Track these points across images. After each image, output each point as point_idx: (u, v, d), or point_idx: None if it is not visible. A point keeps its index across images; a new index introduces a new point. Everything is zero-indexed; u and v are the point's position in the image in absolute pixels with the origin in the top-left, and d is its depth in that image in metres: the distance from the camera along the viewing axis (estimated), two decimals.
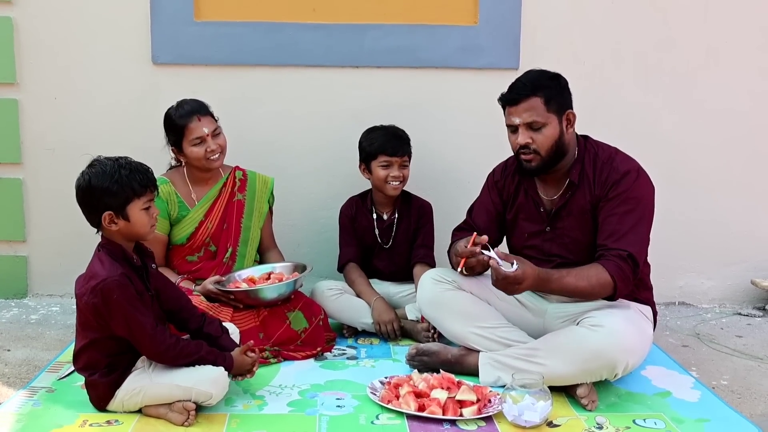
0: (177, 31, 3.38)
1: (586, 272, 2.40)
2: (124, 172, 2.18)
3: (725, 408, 2.41)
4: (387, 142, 3.06)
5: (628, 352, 2.33)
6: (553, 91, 2.48)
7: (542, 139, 2.47)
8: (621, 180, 2.48)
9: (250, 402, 2.39)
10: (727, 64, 3.49)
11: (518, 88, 2.49)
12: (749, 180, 3.57)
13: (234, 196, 3.05)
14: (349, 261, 3.15)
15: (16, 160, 3.46)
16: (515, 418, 2.23)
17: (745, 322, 3.39)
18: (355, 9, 3.43)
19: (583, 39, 3.47)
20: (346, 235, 3.20)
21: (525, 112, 2.46)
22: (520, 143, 2.48)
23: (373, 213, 3.18)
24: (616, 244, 2.42)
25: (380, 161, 3.06)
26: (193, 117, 2.89)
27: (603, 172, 2.52)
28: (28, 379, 2.58)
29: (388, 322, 2.95)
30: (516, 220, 2.69)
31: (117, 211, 2.18)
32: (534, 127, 2.46)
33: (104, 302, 2.15)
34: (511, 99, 2.49)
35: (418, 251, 3.13)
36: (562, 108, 2.50)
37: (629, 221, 2.45)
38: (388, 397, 2.35)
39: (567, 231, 2.58)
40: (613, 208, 2.47)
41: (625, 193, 2.46)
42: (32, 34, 3.39)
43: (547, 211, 2.62)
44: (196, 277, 2.97)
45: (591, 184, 2.53)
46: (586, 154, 2.56)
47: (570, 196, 2.55)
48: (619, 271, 2.39)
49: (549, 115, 2.46)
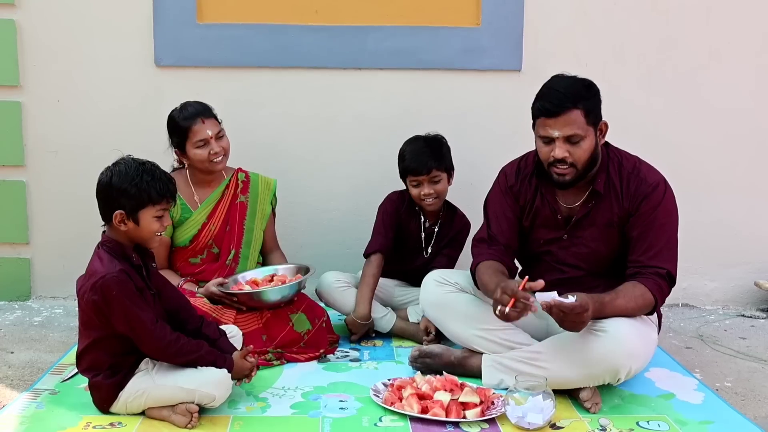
0: (180, 33, 3.39)
1: (632, 293, 2.36)
2: (146, 178, 2.20)
3: (729, 410, 2.40)
4: (412, 161, 2.96)
5: (632, 357, 2.32)
6: (592, 103, 2.39)
7: (580, 153, 2.37)
8: (652, 193, 2.44)
9: (253, 404, 2.39)
10: (730, 64, 3.49)
11: (558, 99, 2.34)
12: (752, 181, 3.56)
13: (237, 198, 3.05)
14: (377, 251, 3.01)
15: (19, 162, 3.46)
16: (518, 420, 2.22)
17: (749, 324, 3.38)
18: (358, 11, 3.43)
19: (585, 40, 3.47)
20: (384, 224, 3.06)
21: (566, 126, 2.33)
22: (557, 157, 2.36)
23: (420, 217, 3.10)
24: (652, 261, 2.40)
25: (410, 180, 3.00)
26: (197, 119, 2.89)
27: (631, 184, 2.46)
28: (32, 382, 2.58)
29: (356, 333, 2.96)
30: (533, 227, 2.61)
31: (129, 213, 2.20)
32: (573, 140, 2.35)
33: (104, 298, 2.16)
34: (551, 111, 2.34)
35: (441, 259, 3.05)
36: (598, 119, 2.42)
37: (663, 236, 2.43)
38: (392, 399, 2.35)
39: (586, 241, 2.53)
40: (646, 223, 2.43)
41: (659, 207, 2.43)
42: (35, 36, 3.39)
43: (564, 219, 2.55)
44: (199, 279, 2.97)
45: (619, 195, 2.47)
46: (610, 163, 2.49)
47: (593, 206, 2.49)
48: (659, 291, 2.39)
49: (588, 128, 2.36)
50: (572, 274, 2.56)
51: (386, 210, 3.10)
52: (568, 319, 2.22)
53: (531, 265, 2.69)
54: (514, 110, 3.25)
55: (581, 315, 2.21)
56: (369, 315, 2.95)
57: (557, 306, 2.19)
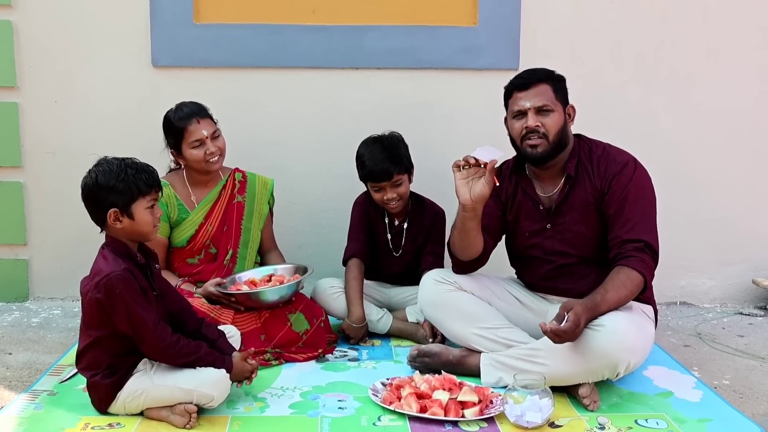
0: (177, 33, 3.38)
1: (619, 280, 2.39)
2: (130, 172, 2.22)
3: (727, 408, 2.40)
4: (373, 168, 2.95)
5: (630, 351, 2.33)
6: (559, 84, 2.58)
7: (551, 123, 2.51)
8: (621, 171, 2.53)
9: (252, 404, 2.39)
10: (727, 63, 3.49)
11: (529, 75, 2.57)
12: (750, 179, 3.57)
13: (234, 198, 3.05)
14: (353, 256, 3.06)
15: (16, 163, 3.46)
16: (517, 419, 2.22)
17: (747, 322, 3.38)
18: (355, 10, 3.43)
19: (582, 39, 3.47)
20: (356, 228, 3.11)
21: (536, 97, 2.52)
22: (531, 126, 2.51)
23: (385, 218, 3.13)
24: (629, 235, 2.45)
25: (371, 186, 3.02)
26: (192, 119, 2.89)
27: (600, 164, 2.57)
28: (30, 383, 2.58)
29: (354, 337, 2.96)
30: (517, 220, 2.69)
31: (122, 209, 2.21)
32: (543, 110, 2.51)
33: (107, 296, 2.16)
34: (522, 84, 2.55)
35: (427, 258, 3.06)
36: (566, 101, 2.59)
37: (638, 210, 2.49)
38: (390, 399, 2.35)
39: (569, 226, 2.59)
40: (619, 200, 2.50)
41: (630, 184, 2.51)
42: (32, 37, 3.39)
43: (546, 209, 2.63)
44: (196, 279, 2.97)
45: (590, 175, 2.56)
46: (580, 150, 2.61)
47: (569, 190, 2.58)
48: (643, 265, 2.42)
49: (557, 103, 2.54)
50: (562, 262, 2.61)
51: (355, 214, 3.15)
52: (564, 339, 2.28)
53: (521, 261, 2.77)
54: None
55: (574, 333, 2.27)
56: (363, 317, 2.96)
57: (551, 332, 2.26)
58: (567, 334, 2.25)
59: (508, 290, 2.75)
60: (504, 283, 2.78)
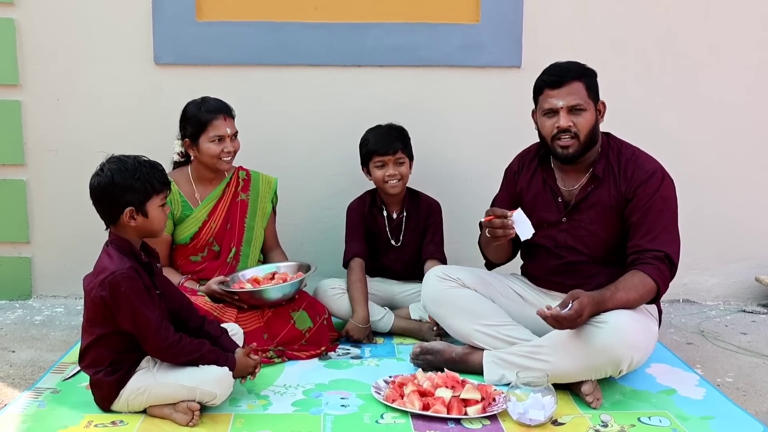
0: (179, 31, 3.38)
1: (631, 282, 2.39)
2: (144, 170, 2.23)
3: (730, 405, 2.41)
4: (378, 141, 3.05)
5: (633, 348, 2.33)
6: (592, 80, 2.54)
7: (583, 123, 2.47)
8: (649, 180, 2.50)
9: (255, 402, 2.39)
10: (729, 59, 3.49)
11: (562, 71, 2.50)
12: (753, 176, 3.56)
13: (237, 196, 3.05)
14: (354, 256, 3.09)
15: (19, 161, 3.46)
16: (520, 417, 2.22)
17: (750, 319, 3.38)
18: (357, 8, 3.42)
19: (584, 36, 3.46)
20: (354, 231, 3.16)
21: (569, 95, 2.47)
22: (563, 126, 2.47)
23: (383, 211, 3.16)
24: (651, 245, 2.44)
25: (375, 162, 3.05)
26: (220, 115, 2.91)
27: (628, 169, 2.53)
28: (33, 380, 2.58)
29: (358, 338, 2.95)
30: (533, 210, 2.64)
31: (138, 207, 2.21)
32: (576, 110, 2.47)
33: (112, 294, 2.16)
34: (555, 81, 2.49)
35: (428, 247, 3.13)
36: (597, 97, 2.55)
37: (661, 222, 2.47)
38: (393, 396, 2.35)
39: (585, 224, 2.58)
40: (644, 209, 2.48)
41: (656, 194, 2.48)
42: (34, 35, 3.39)
43: (564, 202, 2.62)
44: (199, 277, 2.97)
45: (616, 179, 2.54)
46: (609, 150, 2.58)
47: (593, 189, 2.56)
48: (659, 274, 2.41)
49: (589, 102, 2.50)
50: (571, 259, 2.60)
51: (351, 217, 3.18)
52: (564, 325, 2.29)
53: (530, 252, 2.75)
54: (513, 106, 3.25)
55: (575, 321, 2.27)
56: (368, 318, 2.96)
57: (553, 316, 2.26)
58: (567, 321, 2.25)
59: (511, 287, 2.75)
60: (507, 280, 2.78)
